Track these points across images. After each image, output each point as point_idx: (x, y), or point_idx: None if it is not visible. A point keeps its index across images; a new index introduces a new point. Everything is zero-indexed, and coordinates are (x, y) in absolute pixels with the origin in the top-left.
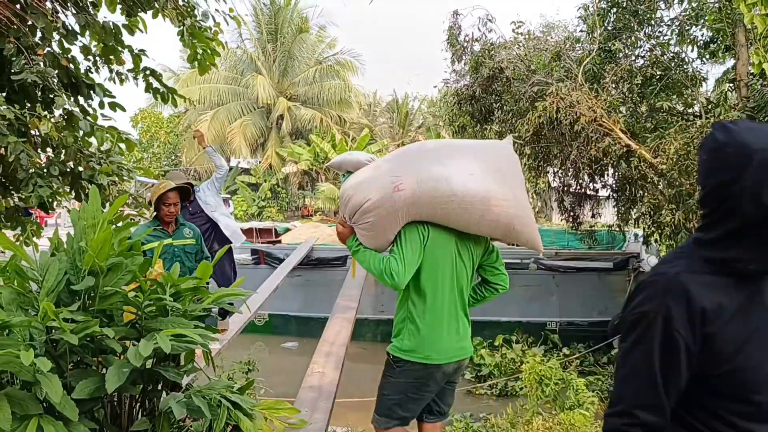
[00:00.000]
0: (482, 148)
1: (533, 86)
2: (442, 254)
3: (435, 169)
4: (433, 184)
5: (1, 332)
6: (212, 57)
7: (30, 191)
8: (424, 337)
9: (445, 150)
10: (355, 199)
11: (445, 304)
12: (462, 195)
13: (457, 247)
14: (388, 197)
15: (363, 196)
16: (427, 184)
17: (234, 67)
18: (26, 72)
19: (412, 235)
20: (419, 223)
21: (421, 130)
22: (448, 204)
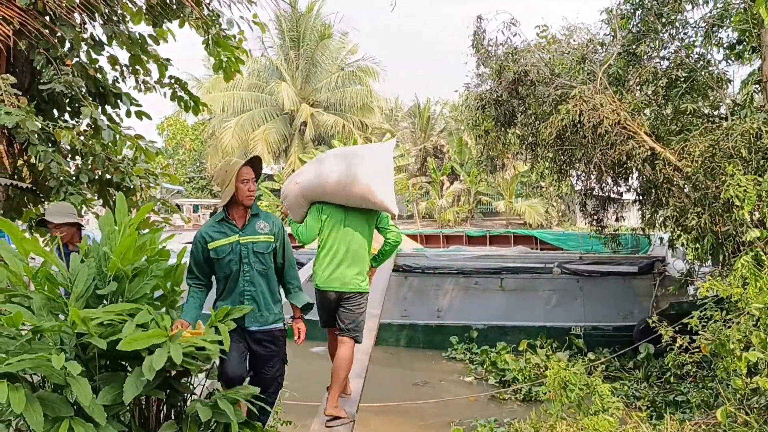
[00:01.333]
0: (360, 149)
1: (557, 89)
2: (335, 220)
3: (314, 168)
4: (311, 177)
5: (33, 337)
6: (237, 64)
7: (61, 199)
8: (317, 272)
9: (327, 156)
10: (283, 192)
11: (337, 252)
12: (331, 183)
13: (346, 216)
14: (292, 189)
15: (283, 189)
16: (309, 179)
17: (257, 75)
18: (55, 82)
19: (311, 211)
20: (318, 203)
21: (443, 135)
22: (323, 189)
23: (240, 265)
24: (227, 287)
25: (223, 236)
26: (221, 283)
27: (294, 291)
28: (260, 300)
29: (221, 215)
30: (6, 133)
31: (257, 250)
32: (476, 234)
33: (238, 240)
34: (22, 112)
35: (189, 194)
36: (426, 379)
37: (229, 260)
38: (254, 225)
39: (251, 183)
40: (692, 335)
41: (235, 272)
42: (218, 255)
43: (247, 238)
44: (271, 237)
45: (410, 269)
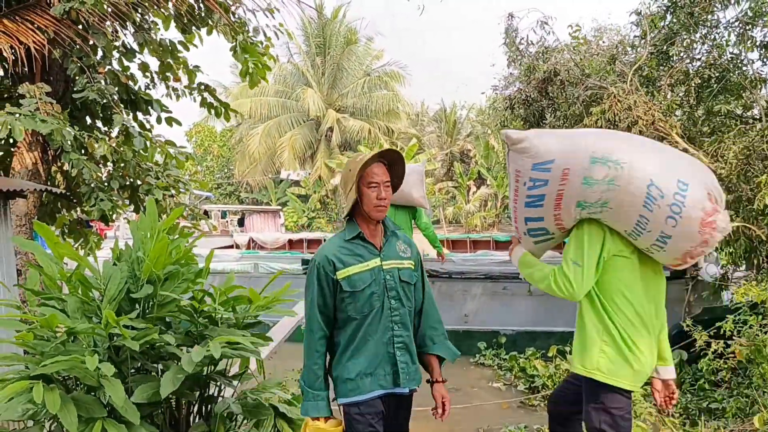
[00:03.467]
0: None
1: (586, 90)
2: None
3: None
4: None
5: (68, 338)
6: (263, 71)
7: (92, 205)
8: None
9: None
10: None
11: None
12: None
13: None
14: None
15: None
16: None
17: (284, 81)
18: (88, 90)
19: None
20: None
21: (469, 139)
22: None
23: (386, 300)
24: (364, 333)
25: (358, 260)
26: (350, 330)
27: (439, 339)
28: (412, 350)
29: (353, 231)
30: (41, 141)
31: (404, 279)
32: (504, 239)
33: (380, 265)
34: (56, 119)
35: (217, 200)
36: (454, 384)
37: (370, 294)
38: (394, 246)
39: (382, 188)
40: (726, 341)
41: (378, 310)
42: (354, 287)
43: (391, 262)
44: (412, 263)
45: (437, 274)
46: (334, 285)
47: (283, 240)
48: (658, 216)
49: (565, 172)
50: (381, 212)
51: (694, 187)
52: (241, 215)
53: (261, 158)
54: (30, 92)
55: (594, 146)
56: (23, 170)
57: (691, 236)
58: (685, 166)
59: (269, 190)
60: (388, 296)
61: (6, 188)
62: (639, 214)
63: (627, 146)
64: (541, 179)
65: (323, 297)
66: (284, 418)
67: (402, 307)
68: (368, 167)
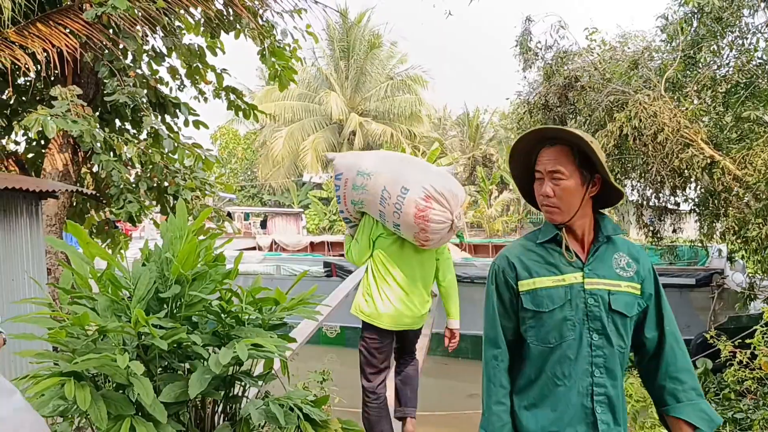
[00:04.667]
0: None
1: (609, 96)
2: None
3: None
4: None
5: (98, 337)
6: (290, 73)
7: (120, 206)
8: None
9: None
10: None
11: None
12: None
13: None
14: None
15: None
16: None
17: (307, 85)
18: (118, 93)
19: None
20: None
21: (492, 143)
22: None
23: (584, 331)
24: (552, 374)
25: (550, 271)
26: (531, 365)
27: (687, 397)
28: (618, 406)
29: (549, 232)
30: (71, 142)
31: (617, 308)
32: None
33: (582, 283)
34: (87, 121)
35: (240, 202)
36: (474, 390)
37: (562, 319)
38: (609, 259)
39: (548, 181)
40: (753, 351)
41: (573, 344)
42: (539, 305)
43: (598, 282)
44: (637, 287)
45: (459, 279)
46: (516, 298)
47: (305, 242)
48: (389, 210)
49: (345, 181)
50: (549, 214)
51: (413, 191)
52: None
53: (284, 161)
54: (62, 95)
55: (361, 163)
56: (54, 171)
57: (411, 225)
58: (416, 177)
59: (291, 193)
60: (589, 328)
61: (39, 188)
62: (378, 209)
63: (381, 163)
64: (338, 185)
65: (506, 312)
66: (308, 420)
67: (608, 346)
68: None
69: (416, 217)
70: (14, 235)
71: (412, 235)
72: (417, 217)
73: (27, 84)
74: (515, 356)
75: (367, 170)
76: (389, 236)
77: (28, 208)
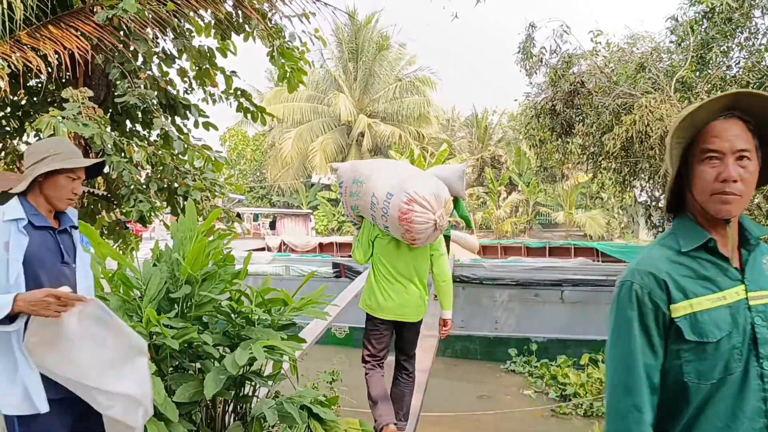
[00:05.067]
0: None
1: (616, 99)
2: None
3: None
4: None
5: None
6: (299, 75)
7: (131, 206)
8: None
9: None
10: None
11: None
12: None
13: None
14: None
15: None
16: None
17: (316, 86)
18: (129, 95)
19: None
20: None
21: (500, 144)
22: None
23: (752, 360)
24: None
25: (708, 287)
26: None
27: None
28: None
29: (696, 237)
30: (83, 144)
31: None
32: (536, 245)
33: (746, 297)
34: (98, 123)
35: (249, 203)
36: (483, 391)
37: (730, 349)
38: (760, 264)
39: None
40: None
41: (738, 377)
42: (705, 334)
43: (762, 294)
44: None
45: (468, 280)
46: (666, 327)
47: (314, 243)
48: (378, 214)
49: (345, 189)
50: (726, 204)
51: (396, 196)
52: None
53: (293, 162)
54: (73, 97)
55: (355, 172)
56: None
57: (397, 227)
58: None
59: (300, 194)
60: (758, 355)
61: None
62: (370, 213)
63: (372, 171)
64: (341, 192)
65: (652, 347)
66: (317, 419)
67: None
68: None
69: (400, 219)
70: None
71: (400, 235)
72: (401, 219)
73: (39, 86)
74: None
75: (359, 178)
76: (384, 237)
77: None
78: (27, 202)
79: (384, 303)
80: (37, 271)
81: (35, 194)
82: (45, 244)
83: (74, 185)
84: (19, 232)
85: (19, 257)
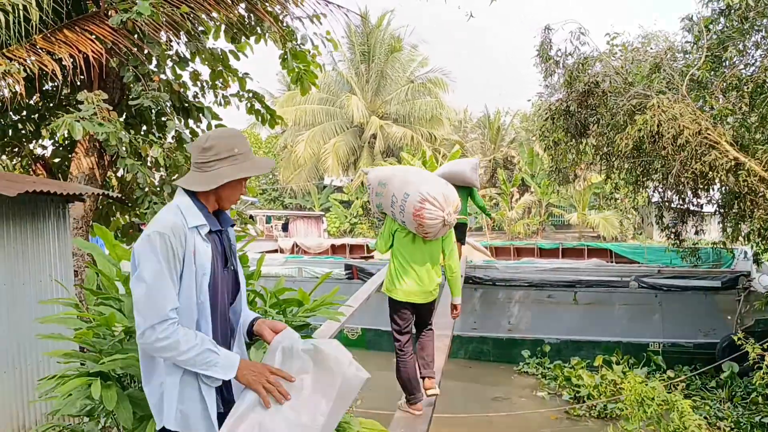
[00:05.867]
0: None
1: (631, 99)
2: None
3: None
4: None
5: (124, 337)
6: (312, 77)
7: (146, 208)
8: None
9: None
10: None
11: None
12: None
13: None
14: None
15: None
16: None
17: (328, 89)
18: (143, 97)
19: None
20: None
21: (513, 145)
22: None
23: None
24: None
25: None
26: None
27: None
28: None
29: None
30: (97, 146)
31: None
32: (548, 246)
33: None
34: (113, 125)
35: (262, 205)
36: (497, 393)
37: None
38: None
39: None
40: None
41: None
42: None
43: None
44: None
45: (480, 281)
46: None
47: (327, 245)
48: (397, 211)
49: (372, 189)
50: None
51: (411, 196)
52: (285, 220)
53: (305, 164)
54: (88, 99)
55: (380, 176)
56: (80, 175)
57: (411, 221)
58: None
59: (312, 196)
60: None
61: (65, 192)
62: (390, 210)
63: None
64: (370, 193)
65: None
66: None
67: None
68: None
69: (414, 215)
70: (42, 238)
71: (414, 228)
72: (414, 216)
73: (54, 89)
74: None
75: (383, 181)
76: (403, 230)
77: (55, 211)
78: (199, 201)
79: (401, 287)
80: (211, 281)
81: (206, 193)
82: (215, 250)
83: (244, 185)
84: (203, 240)
85: (206, 270)
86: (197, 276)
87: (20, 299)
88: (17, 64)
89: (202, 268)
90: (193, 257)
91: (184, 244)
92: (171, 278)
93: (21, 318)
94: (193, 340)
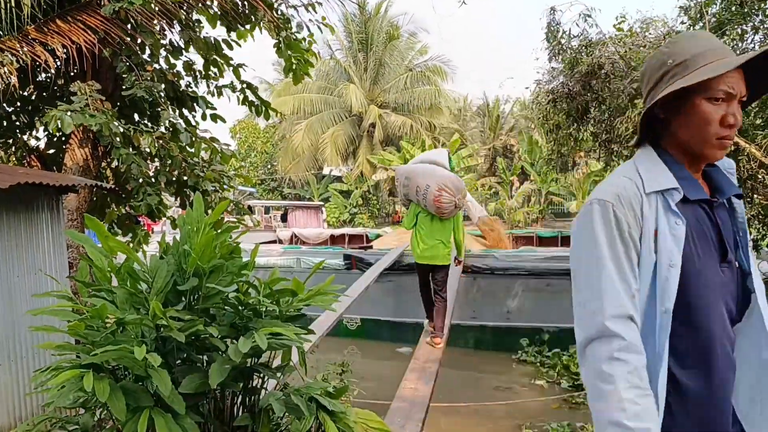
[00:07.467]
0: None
1: (632, 83)
2: None
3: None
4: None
5: (117, 329)
6: (306, 67)
7: (140, 199)
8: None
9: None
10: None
11: None
12: None
13: None
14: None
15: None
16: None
17: (326, 77)
18: (136, 88)
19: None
20: None
21: (512, 134)
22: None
23: None
24: None
25: None
26: None
27: None
28: None
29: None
30: (91, 137)
31: None
32: (547, 235)
33: None
34: (105, 115)
35: (260, 196)
36: (495, 381)
37: None
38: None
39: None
40: None
41: None
42: None
43: None
44: None
45: (479, 270)
46: None
47: (326, 235)
48: (421, 197)
49: (399, 182)
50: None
51: (431, 186)
52: (284, 211)
53: (304, 154)
54: (81, 90)
55: (405, 172)
56: (74, 166)
57: (432, 205)
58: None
59: (311, 186)
60: None
61: (59, 183)
62: (415, 198)
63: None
64: (397, 185)
65: None
66: (326, 411)
67: None
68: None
69: (433, 201)
70: (36, 230)
71: (434, 210)
72: (434, 201)
73: (47, 80)
74: None
75: (409, 176)
76: (424, 212)
77: (49, 203)
78: (667, 153)
79: (421, 253)
80: (686, 282)
81: (675, 138)
82: (701, 232)
83: (730, 110)
84: (671, 213)
85: (677, 260)
86: (660, 269)
87: (15, 292)
88: (10, 55)
89: (669, 257)
90: (653, 240)
91: (640, 220)
92: (618, 270)
93: (16, 310)
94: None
